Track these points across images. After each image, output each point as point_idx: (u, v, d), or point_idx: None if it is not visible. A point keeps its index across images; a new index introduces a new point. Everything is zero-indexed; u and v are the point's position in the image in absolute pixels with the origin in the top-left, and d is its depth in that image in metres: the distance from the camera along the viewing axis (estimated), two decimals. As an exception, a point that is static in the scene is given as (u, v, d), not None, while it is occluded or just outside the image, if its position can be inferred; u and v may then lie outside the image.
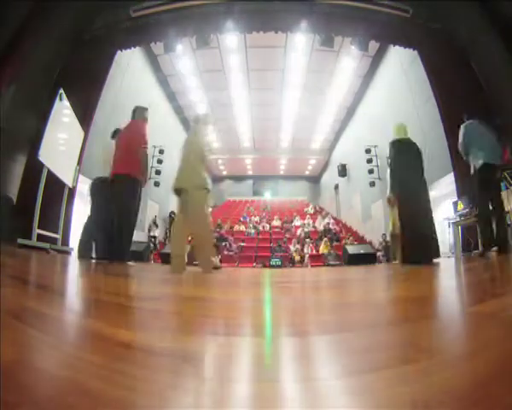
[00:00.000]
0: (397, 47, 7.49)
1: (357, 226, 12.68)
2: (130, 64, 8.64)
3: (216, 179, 19.89)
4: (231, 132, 15.73)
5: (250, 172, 20.88)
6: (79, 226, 3.89)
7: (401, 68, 8.53)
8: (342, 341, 0.46)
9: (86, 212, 3.85)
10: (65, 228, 5.01)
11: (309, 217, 13.32)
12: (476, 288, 1.20)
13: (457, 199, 5.47)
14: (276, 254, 9.04)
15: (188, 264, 2.92)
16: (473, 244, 4.99)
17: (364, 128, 11.70)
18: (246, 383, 0.31)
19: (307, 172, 20.67)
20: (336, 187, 15.90)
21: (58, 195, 4.85)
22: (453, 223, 5.54)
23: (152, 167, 10.77)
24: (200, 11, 6.85)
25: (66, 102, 4.73)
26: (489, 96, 5.37)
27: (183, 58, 9.99)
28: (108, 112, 7.11)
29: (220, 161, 17.42)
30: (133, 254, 5.48)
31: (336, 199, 16.12)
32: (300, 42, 9.17)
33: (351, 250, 5.98)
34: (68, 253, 4.77)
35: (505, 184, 4.51)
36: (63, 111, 4.75)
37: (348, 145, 13.98)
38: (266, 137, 16.33)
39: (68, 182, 4.99)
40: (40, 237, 4.16)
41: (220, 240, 9.71)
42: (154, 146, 10.87)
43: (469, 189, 4.25)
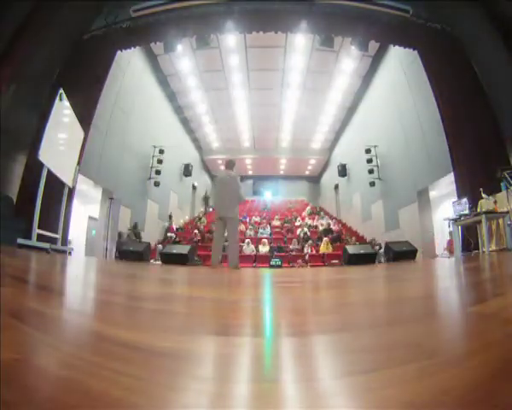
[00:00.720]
0: (397, 47, 7.50)
1: (357, 226, 12.67)
2: (130, 64, 8.64)
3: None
4: (231, 132, 15.72)
5: (250, 172, 20.86)
6: (79, 226, 3.89)
7: (401, 68, 8.52)
8: (342, 340, 0.46)
9: (86, 212, 3.85)
10: (64, 228, 5.01)
11: (308, 218, 13.31)
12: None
13: (457, 199, 5.47)
14: (276, 254, 9.02)
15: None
16: (473, 244, 4.98)
17: (364, 128, 11.69)
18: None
19: (307, 172, 20.63)
20: (336, 187, 15.89)
21: (58, 195, 4.86)
22: (453, 223, 5.54)
23: (152, 167, 10.77)
24: (200, 11, 6.86)
25: (66, 102, 4.72)
26: (489, 96, 5.37)
27: (183, 58, 9.99)
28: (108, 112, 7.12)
29: (220, 162, 17.40)
30: (133, 253, 5.51)
31: (336, 199, 16.11)
32: (300, 42, 9.17)
33: (351, 250, 5.97)
34: (68, 253, 4.77)
35: (505, 184, 4.51)
36: (63, 111, 4.75)
37: (348, 145, 13.97)
38: (266, 137, 16.32)
39: (68, 182, 4.99)
40: (40, 237, 4.17)
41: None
42: (154, 146, 10.87)
43: None
